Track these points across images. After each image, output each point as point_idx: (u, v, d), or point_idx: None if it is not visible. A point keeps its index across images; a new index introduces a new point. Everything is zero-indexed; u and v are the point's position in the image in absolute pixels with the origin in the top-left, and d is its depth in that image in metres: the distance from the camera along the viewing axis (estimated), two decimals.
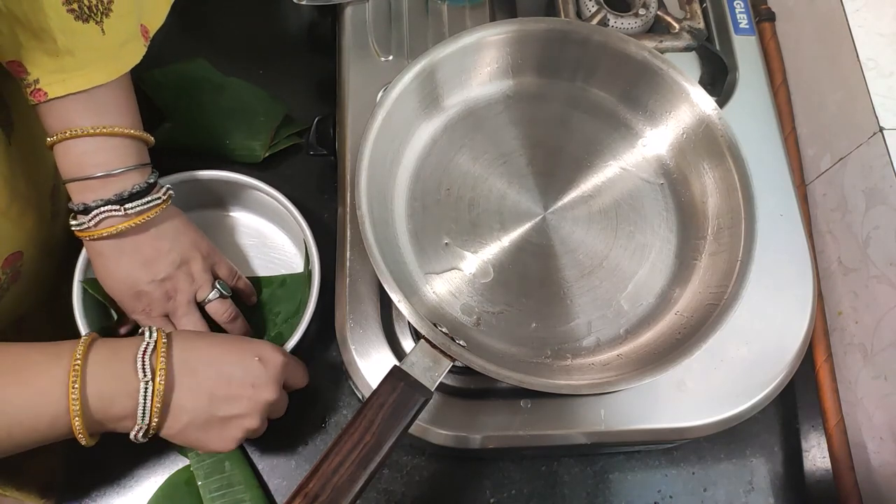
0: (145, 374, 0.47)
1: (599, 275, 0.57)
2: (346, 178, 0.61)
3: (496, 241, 0.57)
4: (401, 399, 0.45)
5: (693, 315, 0.54)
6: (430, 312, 0.53)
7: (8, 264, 0.55)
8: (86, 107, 0.50)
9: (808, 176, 0.71)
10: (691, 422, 0.56)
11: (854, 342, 0.65)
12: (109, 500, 0.60)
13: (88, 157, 0.50)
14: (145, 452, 0.61)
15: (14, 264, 0.54)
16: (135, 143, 0.53)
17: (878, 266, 0.61)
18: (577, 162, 0.61)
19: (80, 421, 0.45)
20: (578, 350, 0.55)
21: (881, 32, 0.65)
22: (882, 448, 0.62)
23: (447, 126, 0.61)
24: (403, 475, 0.61)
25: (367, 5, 0.68)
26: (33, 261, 0.58)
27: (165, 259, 0.54)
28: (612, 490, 0.62)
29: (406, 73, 0.56)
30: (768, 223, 0.58)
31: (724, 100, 0.67)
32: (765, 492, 0.63)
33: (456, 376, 0.57)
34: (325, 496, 0.43)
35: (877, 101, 0.62)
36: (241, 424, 0.51)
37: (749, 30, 0.71)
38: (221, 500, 0.58)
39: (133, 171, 0.52)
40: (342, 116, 0.64)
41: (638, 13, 0.67)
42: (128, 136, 0.52)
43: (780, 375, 0.57)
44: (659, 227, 0.59)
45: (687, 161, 0.60)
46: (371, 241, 0.50)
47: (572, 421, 0.55)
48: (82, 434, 0.46)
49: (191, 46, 0.75)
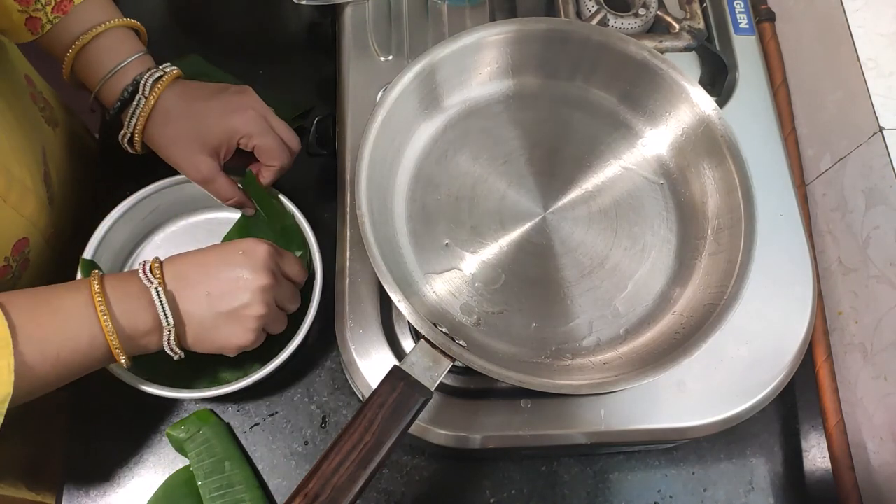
0: (151, 281, 0.50)
1: (599, 275, 0.57)
2: (345, 178, 0.61)
3: (496, 242, 0.57)
4: (401, 399, 0.45)
5: (693, 315, 0.54)
6: (430, 312, 0.53)
7: (17, 251, 0.58)
8: (99, 5, 0.58)
9: (808, 176, 0.71)
10: (691, 422, 0.56)
11: (854, 342, 0.65)
12: (109, 499, 0.60)
13: (119, 46, 0.58)
14: (145, 452, 0.61)
15: (23, 251, 0.56)
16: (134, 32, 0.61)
17: (878, 266, 0.61)
18: (577, 162, 0.61)
19: (115, 338, 0.48)
20: (578, 350, 0.55)
21: (881, 32, 0.65)
22: (882, 448, 0.62)
23: (447, 126, 0.61)
24: (403, 475, 0.61)
25: (367, 5, 0.68)
26: (38, 248, 0.60)
27: (224, 91, 0.60)
28: (612, 490, 0.62)
29: (406, 73, 0.56)
30: (768, 223, 0.58)
31: (724, 100, 0.67)
32: (765, 492, 0.63)
33: (456, 376, 0.57)
34: (325, 496, 0.43)
35: (877, 101, 0.62)
36: (249, 314, 0.52)
37: (749, 30, 0.71)
38: (221, 500, 0.58)
39: (147, 53, 0.60)
40: (342, 116, 0.64)
41: (638, 13, 0.67)
42: (132, 25, 0.60)
43: (780, 375, 0.57)
44: (659, 227, 0.59)
45: (687, 161, 0.60)
46: (371, 241, 0.50)
47: (572, 421, 0.55)
48: (119, 349, 0.49)
49: (191, 46, 0.75)
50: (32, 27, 0.56)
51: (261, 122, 0.59)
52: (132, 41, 0.59)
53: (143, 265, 0.51)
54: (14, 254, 0.58)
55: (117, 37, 0.58)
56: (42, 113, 0.68)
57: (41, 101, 0.68)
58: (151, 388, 0.56)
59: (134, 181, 0.63)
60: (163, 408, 0.62)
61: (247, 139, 0.59)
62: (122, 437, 0.61)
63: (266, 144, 0.59)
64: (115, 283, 0.50)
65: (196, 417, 0.61)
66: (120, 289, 0.50)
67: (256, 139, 0.59)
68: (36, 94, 0.68)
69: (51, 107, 0.71)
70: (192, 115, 0.58)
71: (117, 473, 0.60)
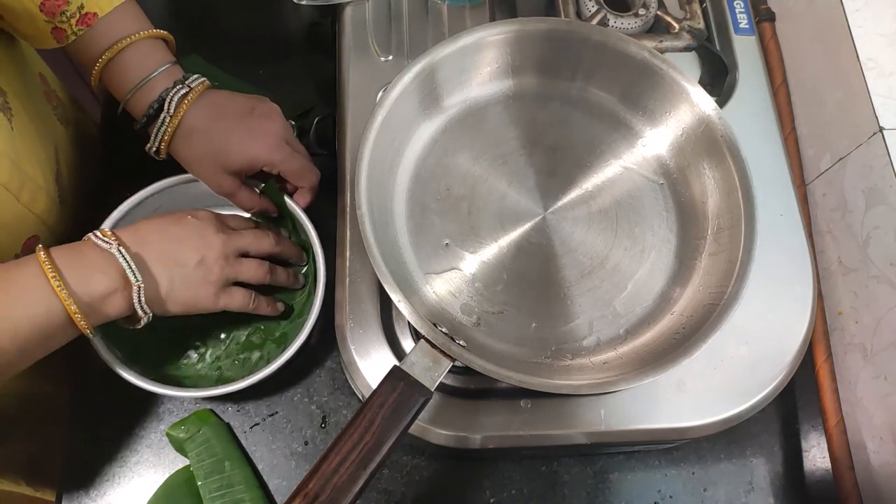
0: (109, 243, 0.50)
1: (599, 275, 0.57)
2: (346, 178, 0.61)
3: (496, 242, 0.57)
4: (401, 399, 0.45)
5: (693, 315, 0.54)
6: (430, 312, 0.53)
7: (26, 248, 0.58)
8: (126, 16, 0.57)
9: (808, 176, 0.71)
10: (691, 422, 0.56)
11: (854, 342, 0.65)
12: (109, 499, 0.60)
13: (146, 58, 0.57)
14: (145, 452, 0.61)
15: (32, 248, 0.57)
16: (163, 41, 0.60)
17: (878, 266, 0.61)
18: (577, 162, 0.61)
19: (72, 302, 0.47)
20: (578, 350, 0.55)
21: (881, 32, 0.65)
22: (882, 448, 0.62)
23: (447, 126, 0.61)
24: (403, 475, 0.61)
25: (367, 5, 0.68)
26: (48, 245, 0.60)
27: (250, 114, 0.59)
28: (612, 490, 0.62)
29: (406, 73, 0.56)
30: (768, 223, 0.58)
31: (724, 100, 0.67)
32: (765, 492, 0.63)
33: (456, 376, 0.57)
34: (325, 496, 0.43)
35: (877, 101, 0.61)
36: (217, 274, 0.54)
37: (749, 30, 0.71)
38: (221, 500, 0.58)
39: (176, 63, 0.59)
40: (342, 116, 0.64)
41: (638, 13, 0.67)
42: (160, 35, 0.59)
43: (780, 375, 0.57)
44: (659, 227, 0.59)
45: (687, 161, 0.60)
46: (371, 241, 0.50)
47: (572, 421, 0.55)
48: (79, 314, 0.48)
49: (191, 46, 0.75)
50: (58, 37, 0.56)
51: (283, 149, 0.59)
52: (160, 52, 0.59)
53: (90, 235, 0.51)
54: (24, 250, 0.59)
55: (144, 49, 0.58)
56: (55, 112, 0.68)
57: (55, 100, 0.69)
58: (152, 386, 0.56)
59: (138, 178, 0.63)
60: (163, 408, 0.62)
61: (270, 167, 0.59)
62: (122, 437, 0.61)
63: (292, 169, 0.60)
64: (63, 253, 0.49)
65: (196, 417, 0.61)
66: (69, 257, 0.49)
67: (280, 166, 0.59)
68: (50, 92, 0.68)
69: (64, 105, 0.71)
70: (215, 137, 0.57)
71: (117, 473, 0.61)
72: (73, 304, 0.47)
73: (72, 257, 0.49)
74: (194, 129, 0.57)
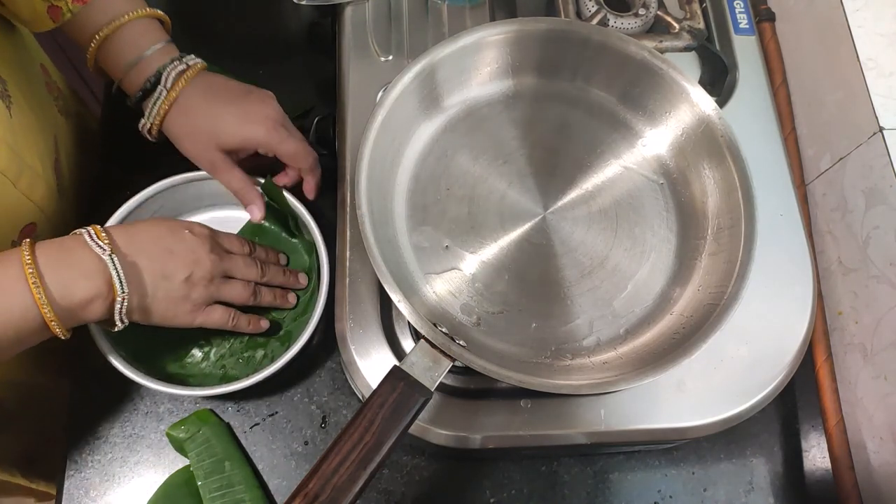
0: (104, 249, 0.49)
1: (599, 275, 0.57)
2: (346, 178, 0.61)
3: (496, 242, 0.57)
4: (401, 399, 0.45)
5: (693, 315, 0.54)
6: (430, 312, 0.53)
7: (24, 236, 0.58)
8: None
9: (808, 176, 0.71)
10: (691, 422, 0.56)
11: (854, 342, 0.65)
12: (109, 499, 0.60)
13: (142, 37, 0.58)
14: (145, 452, 0.61)
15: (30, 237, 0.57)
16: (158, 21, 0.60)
17: (878, 266, 0.61)
18: (577, 162, 0.61)
19: (49, 309, 0.46)
20: (578, 350, 0.55)
21: (881, 32, 0.65)
22: (882, 448, 0.62)
23: (447, 126, 0.61)
24: (403, 475, 0.61)
25: (367, 5, 0.68)
26: (46, 235, 0.61)
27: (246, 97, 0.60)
28: (612, 490, 0.62)
29: (406, 73, 0.56)
30: (768, 223, 0.58)
31: (724, 100, 0.67)
32: (765, 492, 0.63)
33: (456, 376, 0.57)
34: (325, 496, 0.43)
35: (877, 101, 0.62)
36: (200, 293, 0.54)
37: (749, 30, 0.71)
38: (221, 500, 0.58)
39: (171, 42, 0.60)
40: (342, 116, 0.64)
41: (638, 13, 0.67)
42: (155, 15, 0.60)
43: (780, 375, 0.57)
44: (659, 227, 0.59)
45: (687, 161, 0.60)
46: (371, 241, 0.50)
47: (572, 421, 0.55)
48: (55, 321, 0.47)
49: (191, 47, 0.75)
50: (54, 15, 0.56)
51: (278, 132, 0.59)
52: (155, 31, 0.59)
53: (84, 231, 0.50)
54: (21, 238, 0.58)
55: (140, 28, 0.58)
56: (56, 102, 0.68)
57: (55, 91, 0.69)
58: (153, 384, 0.56)
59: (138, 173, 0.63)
60: (163, 408, 0.62)
61: (265, 149, 0.59)
62: (122, 437, 0.62)
63: (288, 150, 0.60)
64: (51, 250, 0.48)
65: (196, 417, 0.61)
66: (56, 256, 0.48)
67: (276, 148, 0.59)
68: (51, 83, 0.68)
69: (64, 97, 0.71)
70: (211, 116, 0.58)
71: (117, 473, 0.61)
72: (49, 312, 0.47)
73: (59, 257, 0.48)
74: (190, 106, 0.57)
